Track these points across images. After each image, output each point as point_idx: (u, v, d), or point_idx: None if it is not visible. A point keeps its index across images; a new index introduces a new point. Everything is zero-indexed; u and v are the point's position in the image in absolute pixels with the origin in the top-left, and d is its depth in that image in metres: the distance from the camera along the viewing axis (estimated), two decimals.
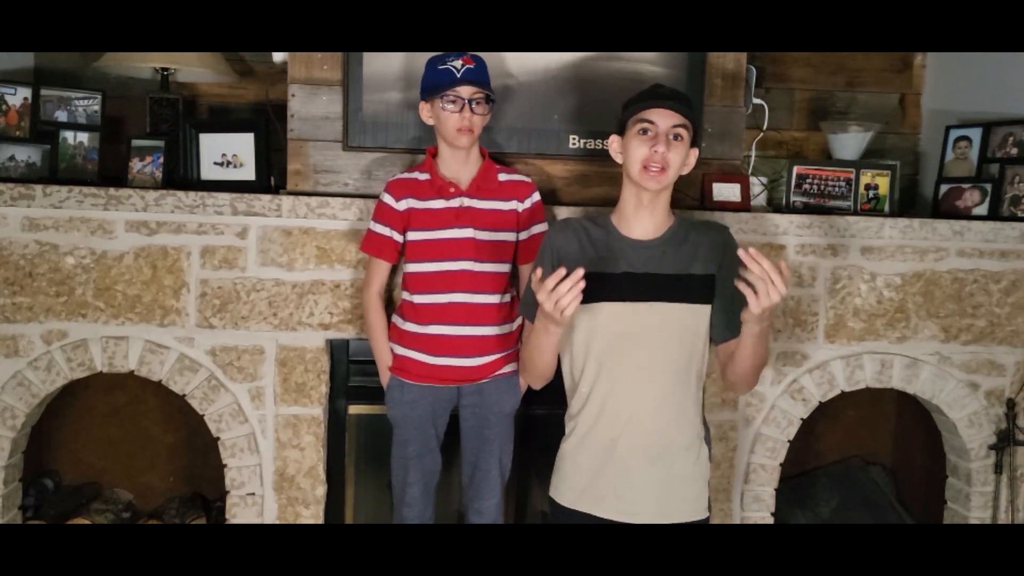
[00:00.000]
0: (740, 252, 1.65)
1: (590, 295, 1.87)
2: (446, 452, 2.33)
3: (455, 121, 2.11)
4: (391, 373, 2.26)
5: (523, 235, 2.25)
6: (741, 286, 1.66)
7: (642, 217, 1.91)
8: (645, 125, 1.85)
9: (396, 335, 2.26)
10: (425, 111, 2.19)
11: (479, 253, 2.18)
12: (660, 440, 1.87)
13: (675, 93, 1.92)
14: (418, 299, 2.20)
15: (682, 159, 1.87)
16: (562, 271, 1.67)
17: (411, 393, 2.23)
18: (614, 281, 1.88)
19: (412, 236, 2.20)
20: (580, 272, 1.67)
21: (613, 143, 1.94)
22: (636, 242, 1.91)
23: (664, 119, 1.85)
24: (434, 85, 2.13)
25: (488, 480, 2.27)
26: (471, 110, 2.11)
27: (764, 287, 1.63)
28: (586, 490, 1.91)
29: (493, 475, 2.26)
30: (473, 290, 2.18)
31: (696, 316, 1.90)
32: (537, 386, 2.04)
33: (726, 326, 1.93)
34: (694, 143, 1.91)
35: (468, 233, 2.18)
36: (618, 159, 1.93)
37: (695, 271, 1.90)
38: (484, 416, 2.25)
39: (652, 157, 1.83)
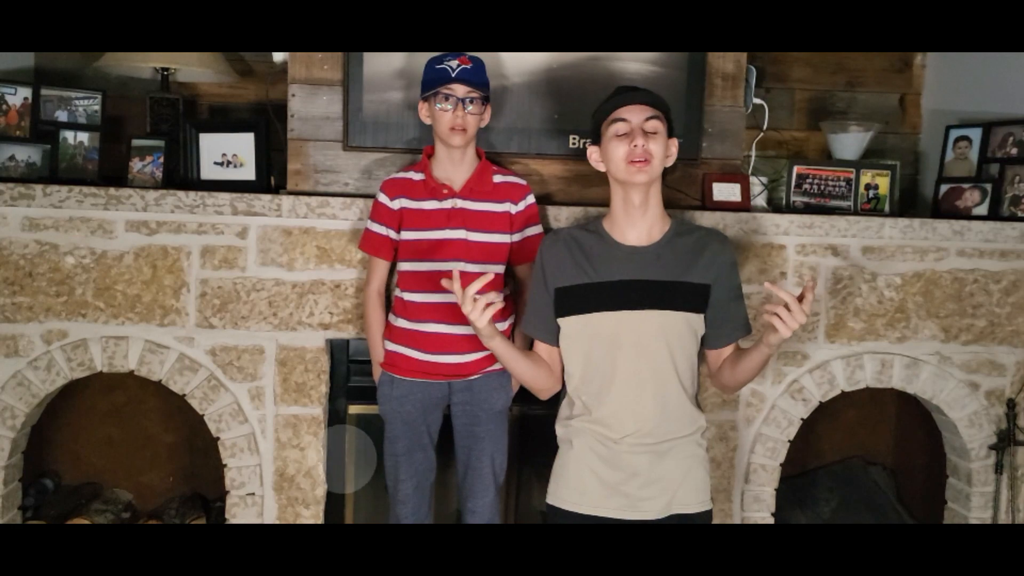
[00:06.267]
0: (767, 285, 1.74)
1: (587, 304, 1.89)
2: (442, 452, 2.33)
3: (448, 119, 2.12)
4: (382, 369, 2.27)
5: (517, 237, 2.26)
6: (769, 317, 1.73)
7: (635, 221, 1.91)
8: (619, 125, 1.87)
9: (388, 331, 2.28)
10: (423, 110, 2.19)
11: (470, 254, 2.18)
12: (664, 439, 1.90)
13: (640, 88, 1.94)
14: (409, 297, 2.21)
15: (663, 149, 1.87)
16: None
17: (401, 388, 2.23)
18: (610, 290, 1.89)
19: (405, 235, 2.21)
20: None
21: (592, 154, 1.95)
22: (631, 248, 1.91)
23: (635, 114, 1.86)
24: (430, 83, 2.14)
25: (481, 479, 2.27)
26: (464, 109, 2.12)
27: (788, 316, 1.71)
28: (589, 492, 1.91)
29: (485, 474, 2.26)
30: None
31: (690, 324, 1.91)
32: (542, 397, 2.05)
33: (720, 335, 1.95)
34: (671, 134, 1.92)
35: (460, 234, 2.18)
36: (600, 167, 1.94)
37: (690, 279, 1.90)
38: (474, 413, 2.25)
39: (633, 152, 1.84)
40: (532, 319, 2.00)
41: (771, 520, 2.61)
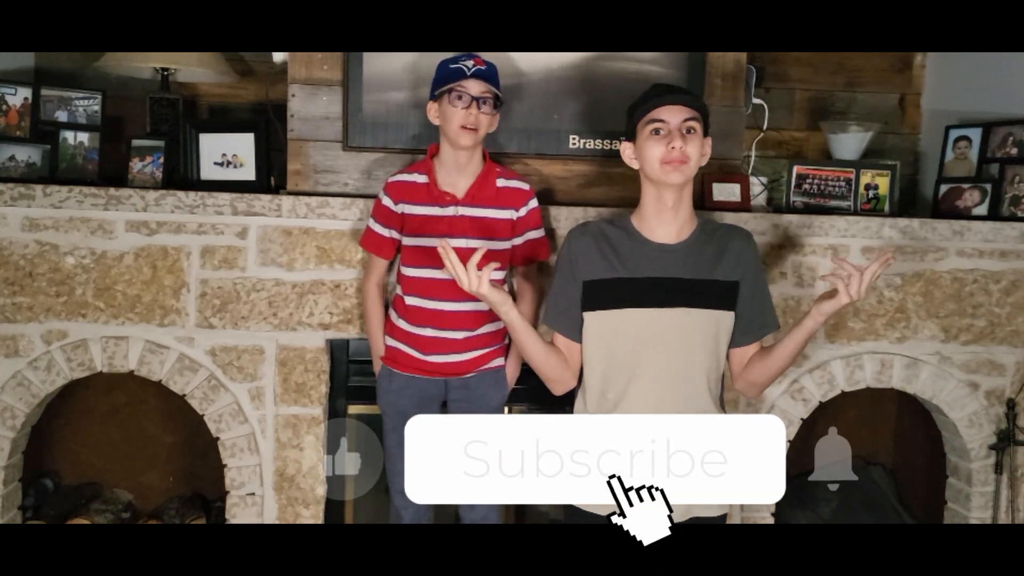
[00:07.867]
0: (839, 259, 1.81)
1: (615, 299, 1.88)
2: None
3: (460, 117, 2.10)
4: (382, 363, 2.27)
5: (517, 240, 2.25)
6: (833, 280, 1.78)
7: (665, 220, 1.90)
8: (657, 125, 1.85)
9: (388, 328, 2.28)
10: (432, 110, 2.17)
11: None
12: None
13: (680, 88, 1.94)
14: (410, 301, 2.22)
15: (699, 150, 1.87)
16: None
17: (399, 382, 2.24)
18: (639, 286, 1.88)
19: (406, 241, 2.21)
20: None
21: (626, 150, 1.93)
22: (660, 246, 1.90)
23: (674, 115, 1.85)
24: (443, 81, 2.12)
25: None
26: (478, 108, 2.11)
27: (855, 284, 1.76)
28: None
29: None
30: (464, 299, 2.15)
31: (719, 322, 1.90)
32: (555, 390, 2.01)
33: (747, 332, 1.94)
34: (706, 132, 1.92)
35: (461, 243, 2.16)
36: (633, 165, 1.92)
37: (718, 277, 1.90)
38: (470, 411, 2.24)
39: (670, 154, 1.83)
40: (555, 312, 1.97)
41: (771, 520, 2.61)
